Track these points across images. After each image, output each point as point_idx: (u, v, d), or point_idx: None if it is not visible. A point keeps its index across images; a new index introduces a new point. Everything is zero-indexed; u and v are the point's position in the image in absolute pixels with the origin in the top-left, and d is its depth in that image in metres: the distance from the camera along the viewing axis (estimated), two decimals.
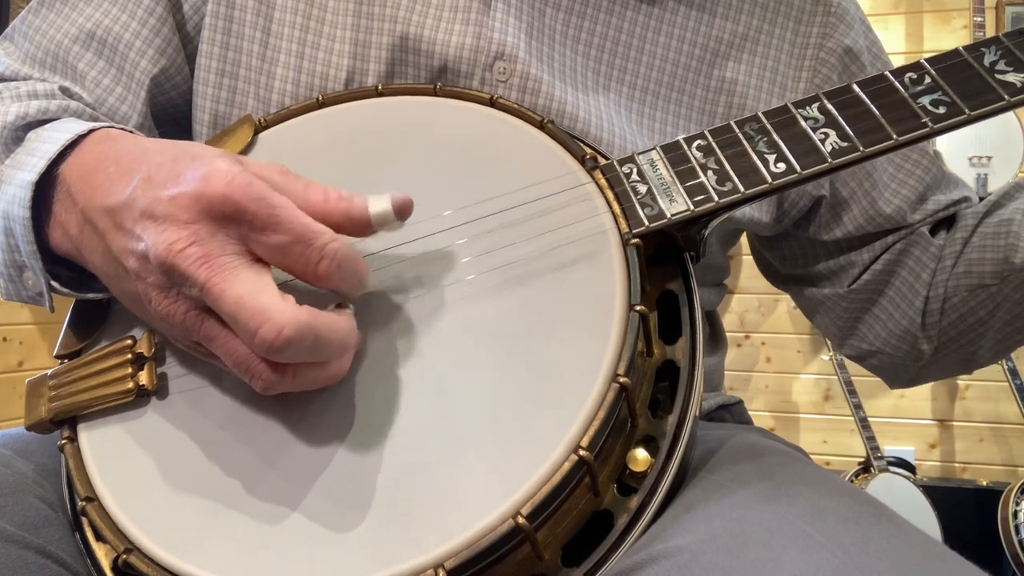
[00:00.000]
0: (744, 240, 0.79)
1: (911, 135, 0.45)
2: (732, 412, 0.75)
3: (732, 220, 0.65)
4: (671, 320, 0.47)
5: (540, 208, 0.48)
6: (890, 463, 2.28)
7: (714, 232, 0.62)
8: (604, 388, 0.41)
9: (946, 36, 2.54)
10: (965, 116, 0.45)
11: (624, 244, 0.45)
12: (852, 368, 2.33)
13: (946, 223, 0.71)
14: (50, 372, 0.47)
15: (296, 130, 0.56)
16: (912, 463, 2.46)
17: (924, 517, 2.15)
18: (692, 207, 0.46)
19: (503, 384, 0.42)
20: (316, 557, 0.39)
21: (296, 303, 0.38)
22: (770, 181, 0.46)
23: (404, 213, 0.44)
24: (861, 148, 0.46)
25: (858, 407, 2.30)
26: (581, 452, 0.39)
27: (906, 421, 2.55)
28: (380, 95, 0.56)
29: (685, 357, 0.45)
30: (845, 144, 0.46)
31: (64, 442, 0.45)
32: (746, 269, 2.64)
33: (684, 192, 0.47)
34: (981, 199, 0.71)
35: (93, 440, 0.45)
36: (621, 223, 0.46)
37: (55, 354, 0.49)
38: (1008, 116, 2.26)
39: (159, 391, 0.45)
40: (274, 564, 0.39)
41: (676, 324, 0.47)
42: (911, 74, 0.47)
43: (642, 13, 0.61)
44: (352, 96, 0.56)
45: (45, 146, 0.47)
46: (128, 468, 0.43)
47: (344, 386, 0.44)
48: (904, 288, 0.70)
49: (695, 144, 0.48)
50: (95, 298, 0.48)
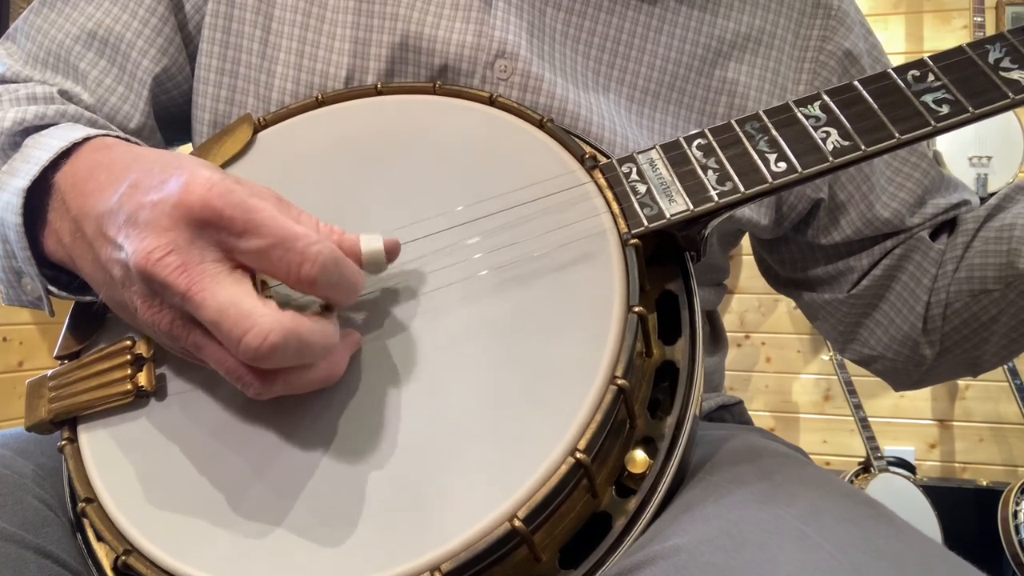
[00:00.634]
0: (745, 240, 0.79)
1: (913, 134, 0.45)
2: (732, 412, 0.74)
3: (732, 220, 0.65)
4: (671, 320, 0.47)
5: (539, 208, 0.48)
6: (890, 463, 2.28)
7: (715, 232, 0.62)
8: (602, 390, 0.40)
9: (946, 36, 2.54)
10: (969, 114, 0.45)
11: (623, 244, 0.45)
12: (852, 368, 2.33)
13: (947, 227, 0.70)
14: (50, 373, 0.47)
15: (295, 129, 0.56)
16: (912, 463, 2.46)
17: (924, 517, 2.15)
18: (692, 207, 0.46)
19: (500, 385, 0.42)
20: (313, 559, 0.39)
21: (278, 308, 0.38)
22: (771, 181, 0.46)
23: (393, 254, 0.44)
24: (863, 147, 0.45)
25: (858, 407, 2.30)
26: (578, 455, 0.39)
27: (906, 421, 2.55)
28: (379, 94, 0.56)
29: (685, 358, 0.45)
30: (847, 143, 0.46)
31: (64, 443, 0.45)
32: (746, 269, 2.64)
33: (684, 192, 0.46)
34: (982, 200, 0.70)
35: (93, 441, 0.45)
36: (620, 223, 0.46)
37: (55, 355, 0.49)
38: (1008, 116, 2.26)
39: (158, 392, 0.45)
40: (271, 566, 0.39)
41: (676, 324, 0.47)
42: (914, 72, 0.47)
43: (643, 13, 0.61)
44: (351, 95, 0.56)
45: (40, 152, 0.47)
46: (128, 469, 0.43)
47: (342, 387, 0.43)
48: (905, 293, 0.69)
49: (695, 143, 0.48)
50: (94, 301, 0.48)
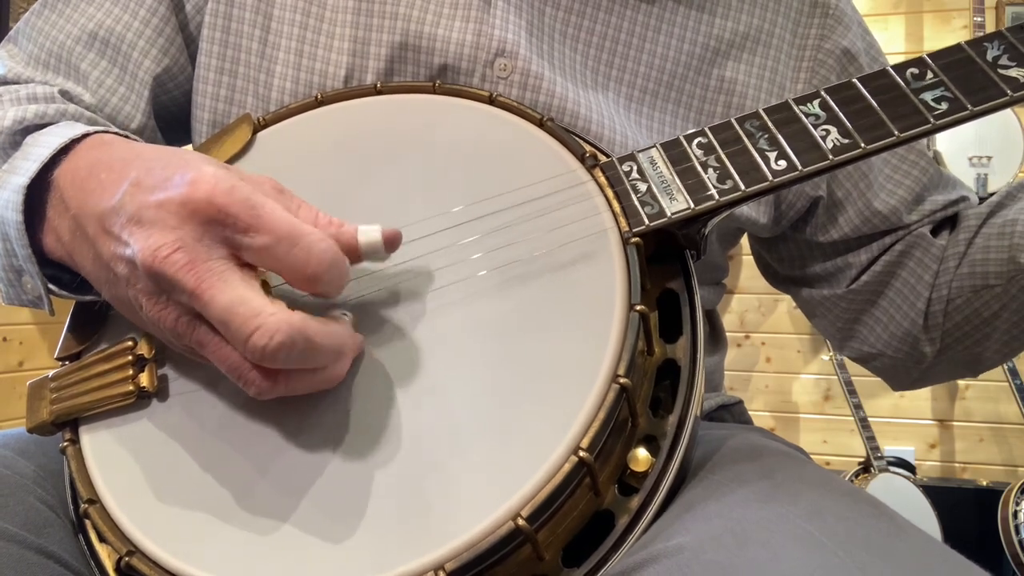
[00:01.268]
0: (744, 240, 0.79)
1: (913, 131, 0.45)
2: (732, 412, 0.74)
3: (731, 219, 0.65)
4: (672, 319, 0.47)
5: (539, 207, 0.48)
6: (890, 463, 2.28)
7: (714, 231, 0.62)
8: (604, 388, 0.40)
9: (946, 36, 2.54)
10: (968, 112, 0.45)
11: (624, 243, 0.45)
12: (852, 368, 2.33)
13: (948, 224, 0.70)
14: (51, 374, 0.47)
15: (294, 129, 0.56)
16: (912, 463, 2.46)
17: (924, 517, 2.15)
18: (692, 205, 0.46)
19: (502, 384, 0.42)
20: (317, 559, 0.39)
21: (287, 307, 0.38)
22: (771, 179, 0.46)
23: (393, 245, 0.44)
24: (863, 144, 0.45)
25: (858, 407, 2.30)
26: (581, 453, 0.39)
27: (906, 421, 2.55)
28: (379, 93, 0.56)
29: (686, 356, 0.45)
30: (847, 141, 0.46)
31: (66, 444, 0.45)
32: (746, 269, 2.64)
33: (684, 190, 0.46)
34: (982, 199, 0.70)
35: (95, 442, 0.45)
36: (621, 222, 0.46)
37: (56, 356, 0.49)
38: (1008, 116, 2.26)
39: (160, 393, 0.45)
40: (275, 566, 0.39)
41: (677, 323, 0.47)
42: (913, 69, 0.47)
43: (641, 12, 0.61)
44: (351, 94, 0.56)
45: (39, 150, 0.47)
46: (130, 470, 0.43)
47: (345, 386, 0.43)
48: (905, 289, 0.69)
49: (695, 142, 0.48)
50: (95, 301, 0.48)
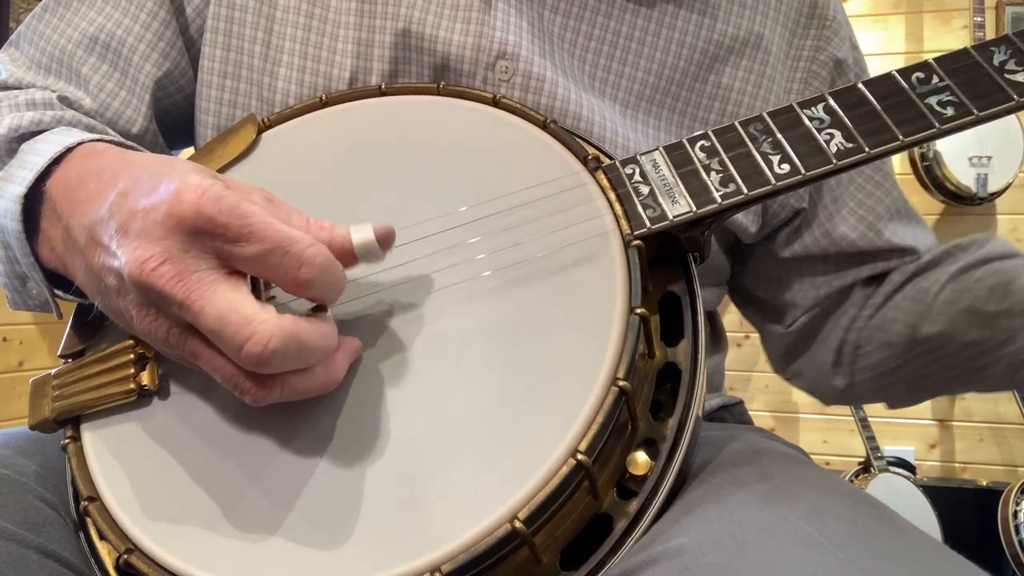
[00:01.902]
0: None
1: (918, 136, 0.45)
2: (733, 412, 0.75)
3: (724, 222, 0.65)
4: (673, 322, 0.47)
5: (542, 209, 0.48)
6: (890, 463, 2.28)
7: (715, 233, 0.62)
8: (603, 391, 0.40)
9: (946, 36, 2.54)
10: (973, 116, 0.45)
11: (625, 246, 0.45)
12: None
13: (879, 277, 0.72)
14: (53, 372, 0.47)
15: (299, 129, 0.56)
16: (912, 463, 2.46)
17: (924, 517, 2.15)
18: (694, 208, 0.46)
19: (501, 386, 0.42)
20: (314, 560, 0.39)
21: (276, 312, 0.38)
22: (774, 182, 0.46)
23: (387, 242, 0.43)
24: (867, 149, 0.45)
25: (858, 407, 2.30)
26: (579, 456, 0.38)
27: (906, 421, 2.55)
28: (383, 94, 0.56)
29: (687, 359, 0.45)
30: (851, 145, 0.46)
31: (67, 441, 0.45)
32: None
33: (686, 193, 0.46)
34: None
35: (96, 440, 0.45)
36: (623, 224, 0.46)
37: (59, 354, 0.49)
38: (1008, 116, 2.26)
39: (161, 391, 0.45)
40: (272, 566, 0.39)
41: (678, 326, 0.47)
42: (919, 74, 0.47)
43: (641, 16, 0.61)
44: (355, 95, 0.56)
45: (34, 158, 0.47)
46: (131, 468, 0.44)
47: (344, 389, 0.43)
48: (829, 327, 0.72)
49: (698, 144, 0.48)
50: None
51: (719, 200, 0.46)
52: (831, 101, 0.47)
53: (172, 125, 0.65)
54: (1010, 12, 2.46)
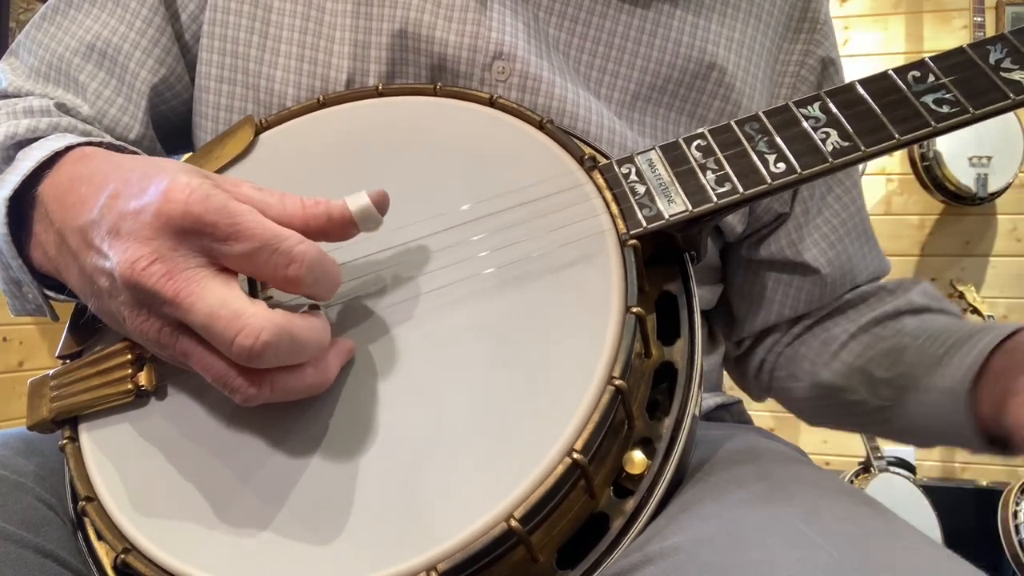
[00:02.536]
0: None
1: (914, 134, 0.45)
2: (731, 412, 0.75)
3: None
4: (670, 321, 0.47)
5: (538, 209, 0.48)
6: (890, 463, 2.28)
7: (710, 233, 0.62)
8: (599, 390, 0.40)
9: (946, 36, 2.54)
10: (969, 115, 0.45)
11: (622, 245, 0.45)
12: None
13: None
14: (52, 372, 0.47)
15: (297, 130, 0.56)
16: (912, 463, 2.46)
17: (924, 517, 2.15)
18: (690, 208, 0.46)
19: (497, 385, 0.42)
20: (310, 558, 0.39)
21: (267, 307, 0.38)
22: (770, 182, 0.46)
23: (383, 206, 0.44)
24: (863, 148, 0.45)
25: None
26: (575, 455, 0.39)
27: None
28: (381, 95, 0.56)
29: (683, 359, 0.45)
30: (847, 144, 0.46)
31: (65, 442, 0.45)
32: None
33: (682, 193, 0.46)
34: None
35: (94, 440, 0.45)
36: (619, 224, 0.46)
37: (57, 355, 0.50)
38: (1008, 116, 2.26)
39: (159, 391, 0.46)
40: (269, 565, 0.39)
41: (675, 325, 0.47)
42: (915, 72, 0.47)
43: (636, 16, 0.61)
44: (353, 96, 0.56)
45: (26, 163, 0.48)
46: (128, 468, 0.44)
47: (339, 387, 0.44)
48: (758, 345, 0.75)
49: (694, 144, 0.48)
50: None
51: (715, 199, 0.46)
52: (827, 100, 0.47)
53: (170, 131, 0.65)
54: (1010, 12, 2.46)
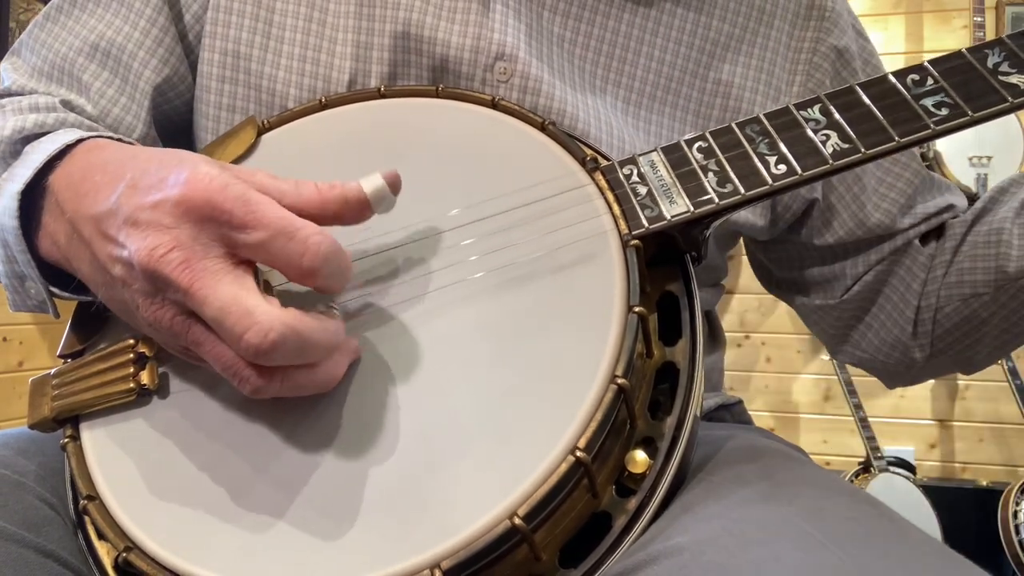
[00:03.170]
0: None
1: (913, 136, 0.45)
2: (732, 412, 0.75)
3: (729, 223, 0.65)
4: (671, 322, 0.47)
5: (540, 209, 0.48)
6: (890, 463, 2.28)
7: (712, 233, 0.62)
8: (602, 389, 0.41)
9: (946, 36, 2.54)
10: (968, 118, 0.45)
11: (624, 245, 0.45)
12: (852, 368, 2.32)
13: (935, 232, 0.71)
14: (53, 371, 0.48)
15: (299, 131, 0.56)
16: (912, 463, 2.46)
17: (924, 517, 2.15)
18: (692, 209, 0.46)
19: (501, 384, 0.42)
20: (314, 557, 0.39)
21: (280, 305, 0.38)
22: (771, 183, 0.46)
23: (396, 187, 0.44)
24: (863, 149, 0.46)
25: (858, 407, 2.30)
26: (578, 453, 0.39)
27: (906, 421, 2.55)
28: (382, 96, 0.56)
29: (685, 359, 0.45)
30: (847, 146, 0.46)
31: (67, 440, 0.45)
32: (746, 269, 2.63)
33: (684, 194, 0.47)
34: (976, 199, 0.71)
35: (95, 439, 0.45)
36: (621, 224, 0.46)
37: (58, 354, 0.50)
38: (1008, 117, 2.26)
39: (160, 390, 0.46)
40: (272, 563, 0.39)
41: (676, 326, 0.47)
42: (913, 76, 0.47)
43: (639, 15, 0.61)
44: (354, 98, 0.56)
45: (36, 156, 0.48)
46: (130, 467, 0.44)
47: (344, 387, 0.44)
48: (895, 297, 0.70)
49: (696, 145, 0.48)
50: (95, 301, 0.49)
51: (716, 200, 0.46)
52: (827, 102, 0.48)
53: (172, 131, 0.65)
54: (1010, 12, 2.46)
